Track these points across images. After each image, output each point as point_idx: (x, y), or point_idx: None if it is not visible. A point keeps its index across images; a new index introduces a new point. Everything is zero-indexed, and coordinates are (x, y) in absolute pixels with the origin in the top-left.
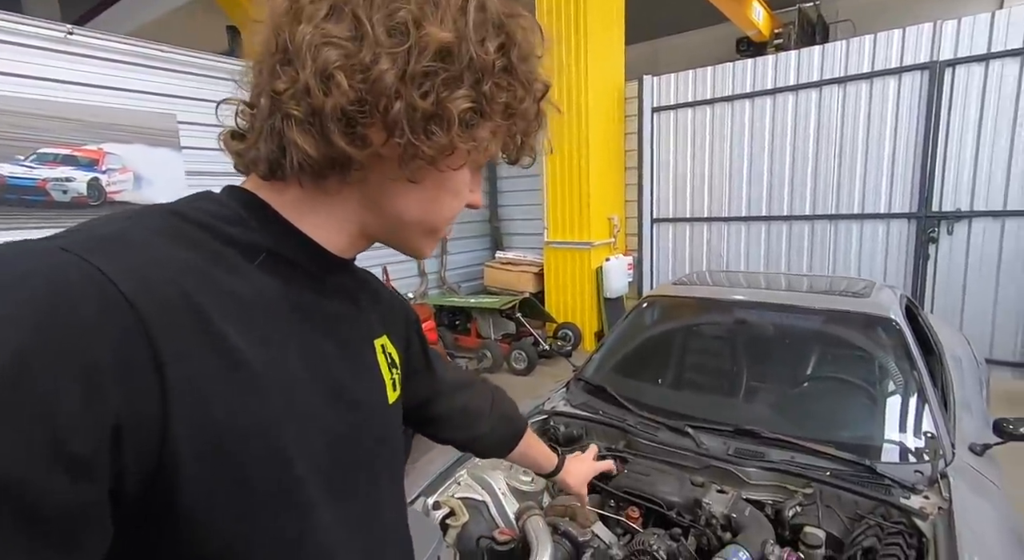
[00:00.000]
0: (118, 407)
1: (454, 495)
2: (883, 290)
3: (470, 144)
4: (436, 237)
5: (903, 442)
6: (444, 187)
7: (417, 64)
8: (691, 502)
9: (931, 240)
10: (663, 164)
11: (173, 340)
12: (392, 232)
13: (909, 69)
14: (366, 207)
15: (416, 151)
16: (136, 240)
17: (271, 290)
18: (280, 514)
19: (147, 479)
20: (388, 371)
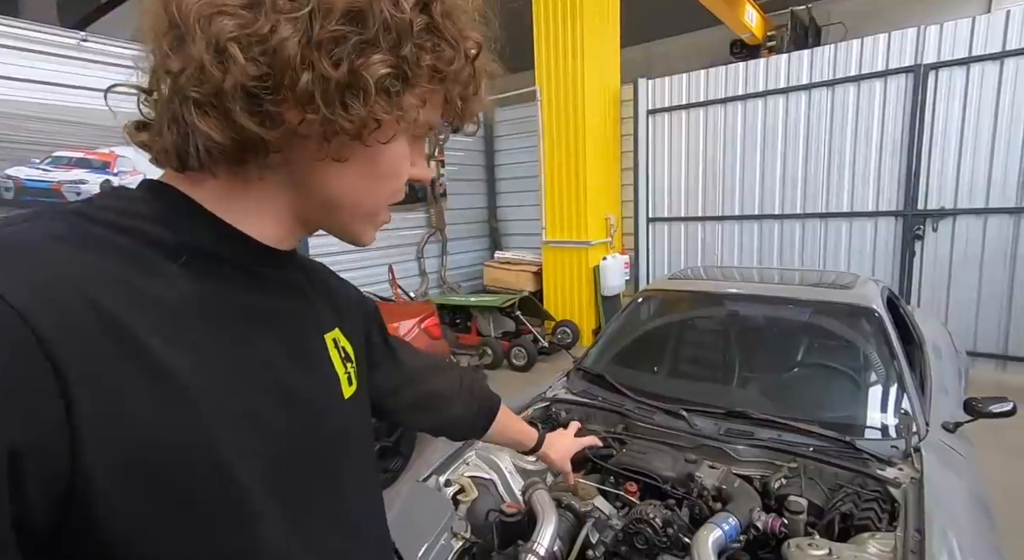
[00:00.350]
0: (12, 432)
1: (464, 474)
2: (867, 283)
3: (396, 114)
4: (377, 221)
5: (881, 420)
6: (377, 164)
7: (323, 28)
8: (684, 476)
9: (917, 237)
10: (658, 165)
11: (78, 356)
12: (329, 217)
13: (895, 72)
14: (296, 193)
15: (335, 127)
16: (32, 246)
17: (199, 291)
18: (226, 529)
19: (57, 507)
20: (342, 365)
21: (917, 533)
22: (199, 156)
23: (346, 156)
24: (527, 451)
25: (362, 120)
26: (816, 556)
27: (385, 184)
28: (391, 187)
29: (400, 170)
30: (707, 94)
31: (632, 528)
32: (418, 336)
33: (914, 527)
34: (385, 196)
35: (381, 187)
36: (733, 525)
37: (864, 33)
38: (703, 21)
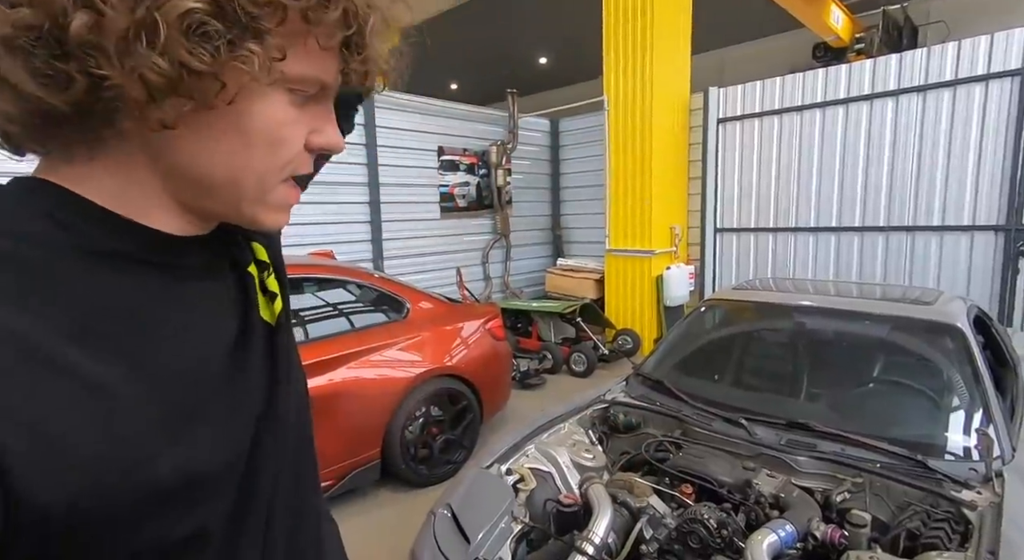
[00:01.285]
0: None
1: (524, 465)
2: (952, 300)
3: (229, 61)
4: (275, 199)
5: (958, 441)
6: (242, 128)
7: None
8: (742, 482)
9: (1021, 254)
10: (727, 174)
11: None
12: (212, 200)
13: (997, 76)
14: (164, 175)
15: (149, 82)
16: None
17: (110, 292)
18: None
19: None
20: (260, 294)
21: (990, 555)
22: (14, 135)
23: (185, 122)
24: None
25: (174, 72)
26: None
27: (263, 153)
28: (276, 158)
29: (281, 136)
30: (782, 102)
31: (686, 527)
32: (483, 337)
33: (987, 549)
34: (271, 169)
35: (259, 158)
36: (790, 532)
37: (968, 32)
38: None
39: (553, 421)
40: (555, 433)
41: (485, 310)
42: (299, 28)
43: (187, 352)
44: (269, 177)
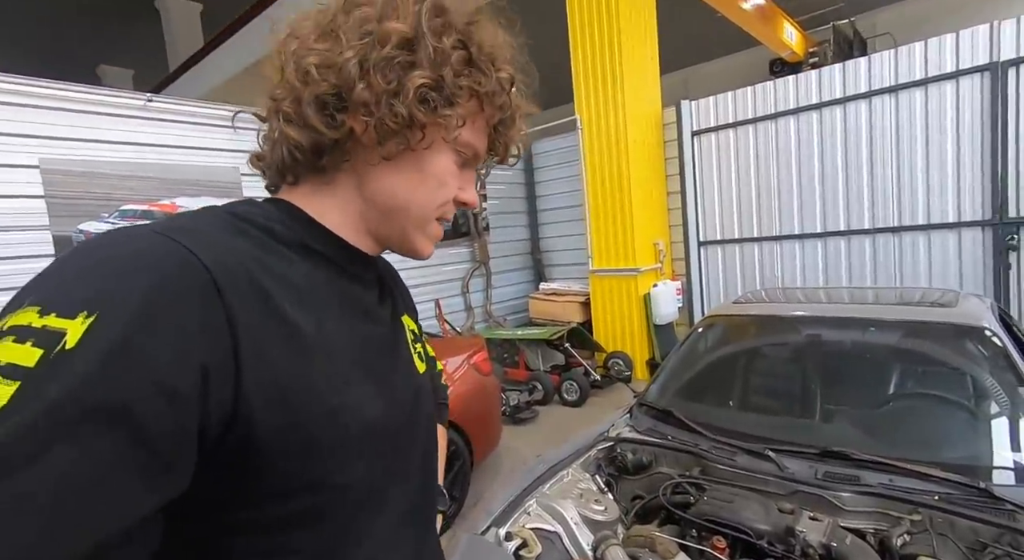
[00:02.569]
0: (202, 353)
1: (526, 525)
2: (969, 298)
3: (434, 120)
4: (429, 230)
5: (1019, 460)
6: (423, 169)
7: (379, 53)
8: (782, 530)
9: (1011, 248)
10: (707, 186)
11: (242, 308)
12: (387, 223)
13: (967, 72)
14: (362, 199)
15: (386, 126)
16: (206, 230)
17: (312, 276)
18: (334, 464)
19: (226, 421)
20: (412, 345)
21: None
22: (286, 162)
23: (394, 156)
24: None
25: (405, 120)
26: None
27: (431, 189)
28: (438, 195)
29: (445, 180)
30: (755, 111)
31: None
32: (467, 372)
33: None
34: (433, 202)
35: (428, 193)
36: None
37: (911, 42)
38: (740, 43)
39: (554, 468)
40: (558, 482)
41: (468, 343)
42: (475, 108)
43: (351, 331)
44: (429, 210)
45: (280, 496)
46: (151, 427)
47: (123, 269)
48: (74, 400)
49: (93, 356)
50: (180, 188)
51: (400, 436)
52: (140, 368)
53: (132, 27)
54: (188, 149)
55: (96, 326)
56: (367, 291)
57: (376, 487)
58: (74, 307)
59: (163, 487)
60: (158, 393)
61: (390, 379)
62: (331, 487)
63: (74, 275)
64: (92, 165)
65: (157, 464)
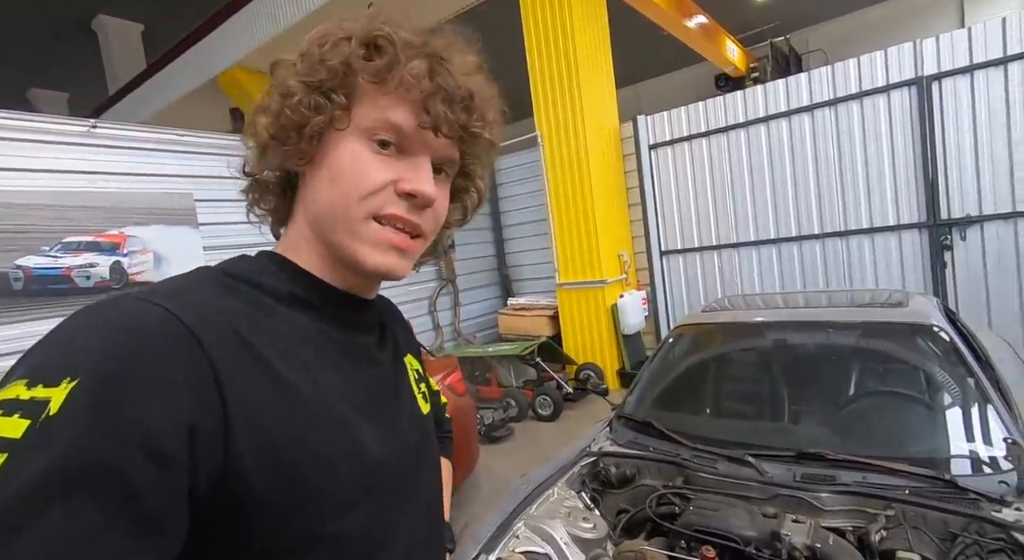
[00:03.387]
0: (190, 413)
1: (515, 550)
2: (917, 297)
3: (309, 113)
4: (365, 234)
5: (979, 452)
6: (329, 167)
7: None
8: (768, 535)
9: (945, 247)
10: (666, 197)
11: (227, 363)
12: (324, 238)
13: (896, 86)
14: (309, 222)
15: (278, 132)
16: (192, 291)
17: (301, 325)
18: (328, 514)
19: (217, 477)
20: (416, 385)
21: None
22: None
23: (300, 160)
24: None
25: (290, 122)
26: None
27: (348, 186)
28: (355, 187)
29: (360, 169)
30: (708, 124)
31: None
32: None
33: None
34: (350, 198)
35: (345, 189)
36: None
37: (844, 57)
38: (687, 59)
39: (540, 487)
40: (544, 502)
41: (442, 364)
42: (364, 86)
43: (345, 378)
44: (350, 209)
45: (277, 552)
46: (139, 489)
47: (103, 333)
48: (59, 467)
49: (75, 420)
50: (128, 217)
51: (405, 478)
52: (123, 429)
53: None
54: (137, 176)
55: (77, 391)
56: (365, 335)
57: (378, 534)
58: (58, 375)
59: (156, 551)
60: (144, 454)
61: (392, 422)
62: (330, 538)
63: (58, 344)
64: (32, 196)
65: (148, 528)
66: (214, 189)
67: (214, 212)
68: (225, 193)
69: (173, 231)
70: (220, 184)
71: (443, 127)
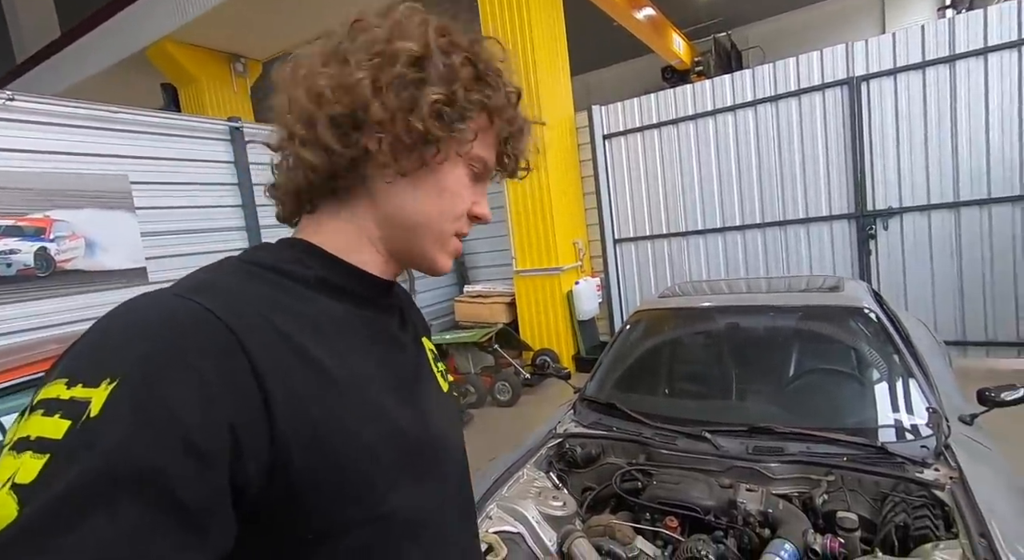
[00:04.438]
0: (230, 411)
1: (488, 530)
2: (850, 282)
3: (448, 134)
4: (447, 245)
5: (904, 421)
6: (438, 184)
7: (390, 72)
8: (725, 504)
9: (870, 237)
10: (619, 187)
11: (265, 355)
12: (406, 241)
13: (831, 85)
14: (378, 219)
15: (402, 143)
16: (222, 284)
17: (332, 310)
18: (373, 497)
19: (266, 472)
20: (435, 365)
21: (983, 539)
22: (304, 186)
23: (410, 171)
24: None
25: (420, 135)
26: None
27: (448, 203)
28: (454, 209)
29: (460, 193)
30: (659, 116)
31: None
32: None
33: (977, 532)
34: (449, 219)
35: (445, 206)
36: (791, 552)
37: (779, 54)
38: (634, 51)
39: (509, 470)
40: (515, 484)
41: None
42: (485, 123)
43: (376, 362)
44: (447, 224)
45: (328, 536)
46: (183, 490)
47: (142, 333)
48: (102, 469)
49: (117, 422)
50: (55, 199)
51: (439, 455)
52: (163, 430)
53: None
54: (63, 155)
55: (118, 391)
56: (389, 318)
57: (418, 514)
58: (98, 375)
59: (204, 550)
60: (187, 455)
61: (422, 403)
62: (376, 519)
63: (97, 344)
64: None
65: (193, 528)
66: (152, 171)
67: (152, 195)
68: (164, 175)
69: (107, 215)
70: (159, 165)
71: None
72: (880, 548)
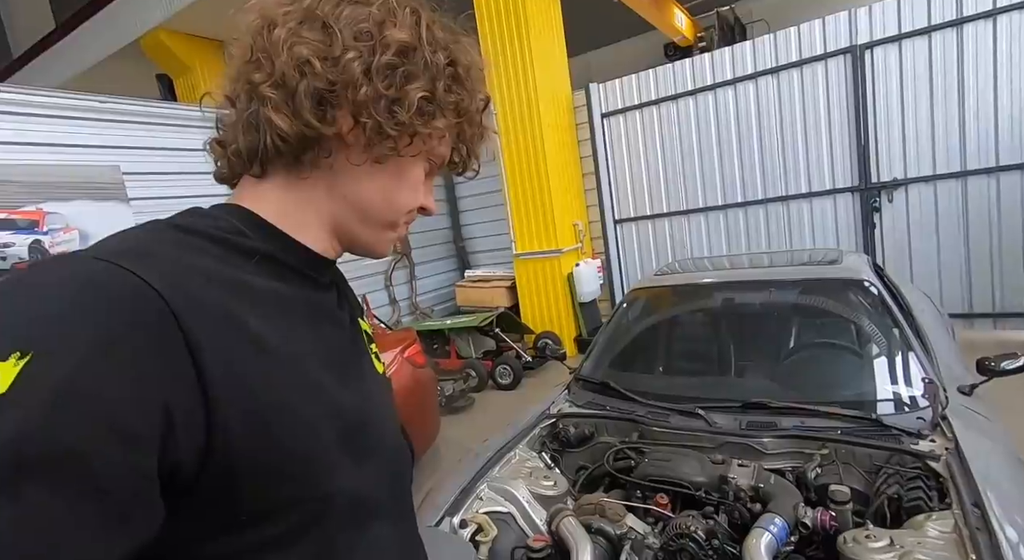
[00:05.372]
0: (163, 389)
1: (479, 511)
2: (850, 255)
3: (426, 130)
4: (393, 232)
5: (901, 393)
6: (403, 175)
7: (381, 59)
8: (716, 480)
9: (875, 209)
10: (619, 166)
11: (202, 328)
12: (356, 224)
13: (833, 54)
14: (334, 198)
15: (381, 131)
16: (152, 249)
17: (272, 285)
18: (317, 473)
19: (202, 450)
20: (368, 346)
21: (976, 508)
22: (267, 151)
23: (383, 159)
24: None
25: (402, 127)
26: (878, 548)
27: (406, 197)
28: (409, 202)
29: (417, 186)
30: (658, 93)
31: (673, 544)
32: (402, 366)
33: (970, 502)
34: (402, 210)
35: (402, 197)
36: (781, 526)
37: (785, 26)
38: (636, 28)
39: (501, 451)
40: (506, 465)
41: (400, 337)
42: (453, 123)
43: (317, 339)
44: (401, 214)
45: (264, 517)
46: (104, 475)
47: (59, 301)
48: (9, 453)
49: (30, 402)
50: (47, 192)
51: (374, 435)
52: (86, 410)
53: None
54: (55, 147)
55: (31, 367)
56: (328, 295)
57: (360, 492)
58: (4, 347)
59: (127, 538)
60: (110, 438)
61: (359, 380)
62: (315, 499)
63: (3, 312)
64: None
65: (116, 514)
66: (144, 161)
67: (146, 186)
68: (157, 165)
69: (100, 207)
70: (151, 155)
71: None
72: (872, 520)
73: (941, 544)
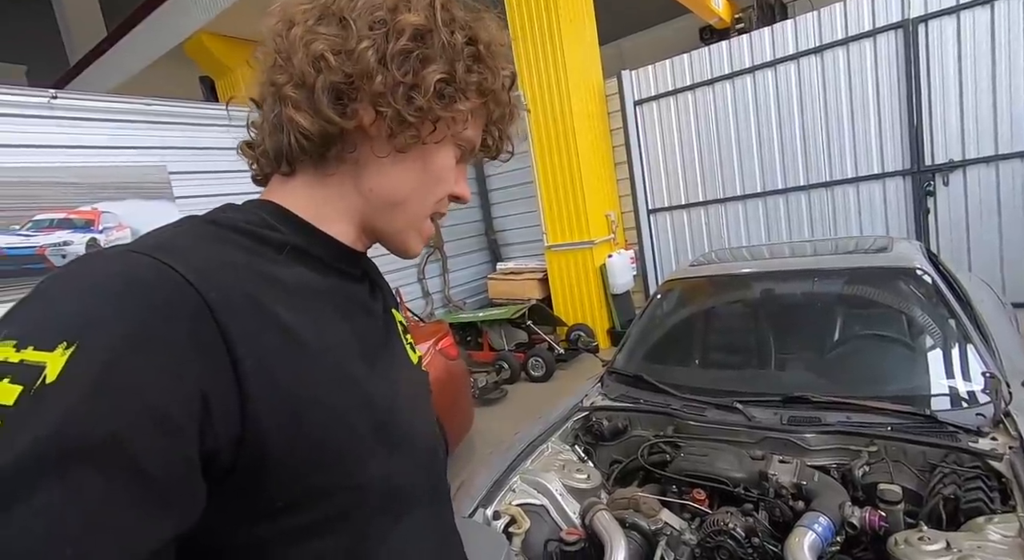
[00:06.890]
0: (200, 379)
1: (512, 502)
2: (901, 242)
3: (448, 114)
4: (422, 229)
5: (958, 387)
6: (427, 163)
7: (395, 45)
8: (756, 476)
9: (928, 193)
10: (652, 154)
11: (235, 322)
12: (384, 217)
13: (883, 30)
14: (361, 192)
15: (401, 119)
16: (187, 244)
17: (305, 277)
18: (348, 464)
19: (236, 440)
20: (403, 336)
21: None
22: (292, 150)
23: (406, 149)
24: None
25: (422, 113)
26: (932, 551)
27: (433, 186)
28: (437, 189)
29: (446, 176)
30: (693, 78)
31: (711, 541)
32: (435, 358)
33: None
34: (432, 200)
35: (430, 188)
36: (826, 525)
37: (827, 4)
38: (669, 12)
39: (533, 443)
40: (539, 457)
41: (433, 329)
42: (479, 104)
43: (349, 330)
44: (428, 205)
45: (297, 506)
46: (148, 460)
47: (103, 294)
48: (58, 438)
49: (76, 389)
50: (101, 192)
51: (408, 426)
52: (129, 400)
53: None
54: (105, 149)
55: (78, 357)
56: (359, 286)
57: (392, 482)
58: (53, 338)
59: (169, 521)
60: (151, 425)
61: (392, 371)
62: (348, 489)
63: (51, 303)
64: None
65: (157, 500)
66: (189, 160)
67: (190, 184)
68: (201, 164)
69: (149, 205)
70: (195, 155)
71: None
72: (926, 522)
73: (1004, 549)
